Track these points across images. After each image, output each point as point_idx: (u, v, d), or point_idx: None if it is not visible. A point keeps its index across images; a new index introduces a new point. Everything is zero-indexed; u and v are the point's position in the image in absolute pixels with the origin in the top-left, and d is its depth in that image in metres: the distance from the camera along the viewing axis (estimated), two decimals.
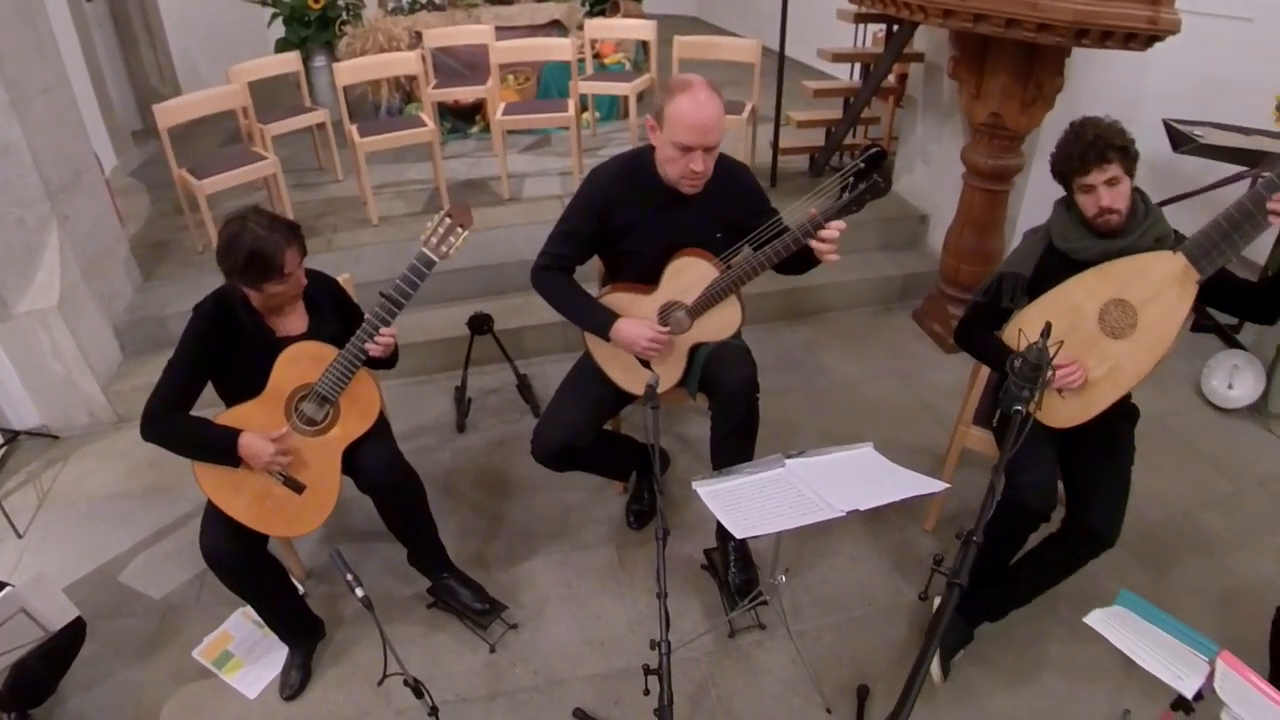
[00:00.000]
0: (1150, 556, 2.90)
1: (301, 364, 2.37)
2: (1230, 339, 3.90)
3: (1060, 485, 2.51)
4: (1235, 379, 3.66)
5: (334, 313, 2.54)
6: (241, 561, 2.36)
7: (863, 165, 2.23)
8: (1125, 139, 2.22)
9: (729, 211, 2.56)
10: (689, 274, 2.53)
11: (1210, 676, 1.72)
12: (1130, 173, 2.25)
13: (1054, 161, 2.32)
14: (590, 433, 2.67)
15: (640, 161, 2.56)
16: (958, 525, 1.70)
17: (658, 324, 2.56)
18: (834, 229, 2.30)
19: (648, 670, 1.80)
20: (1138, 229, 2.28)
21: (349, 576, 1.93)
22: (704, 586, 2.84)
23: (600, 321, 2.57)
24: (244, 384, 2.37)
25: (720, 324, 2.58)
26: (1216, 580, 2.84)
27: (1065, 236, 2.37)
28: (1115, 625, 1.83)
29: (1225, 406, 3.68)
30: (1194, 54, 3.55)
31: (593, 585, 2.88)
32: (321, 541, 3.07)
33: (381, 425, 2.57)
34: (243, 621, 2.76)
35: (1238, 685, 1.72)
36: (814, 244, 2.32)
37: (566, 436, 2.60)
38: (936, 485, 2.08)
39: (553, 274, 2.65)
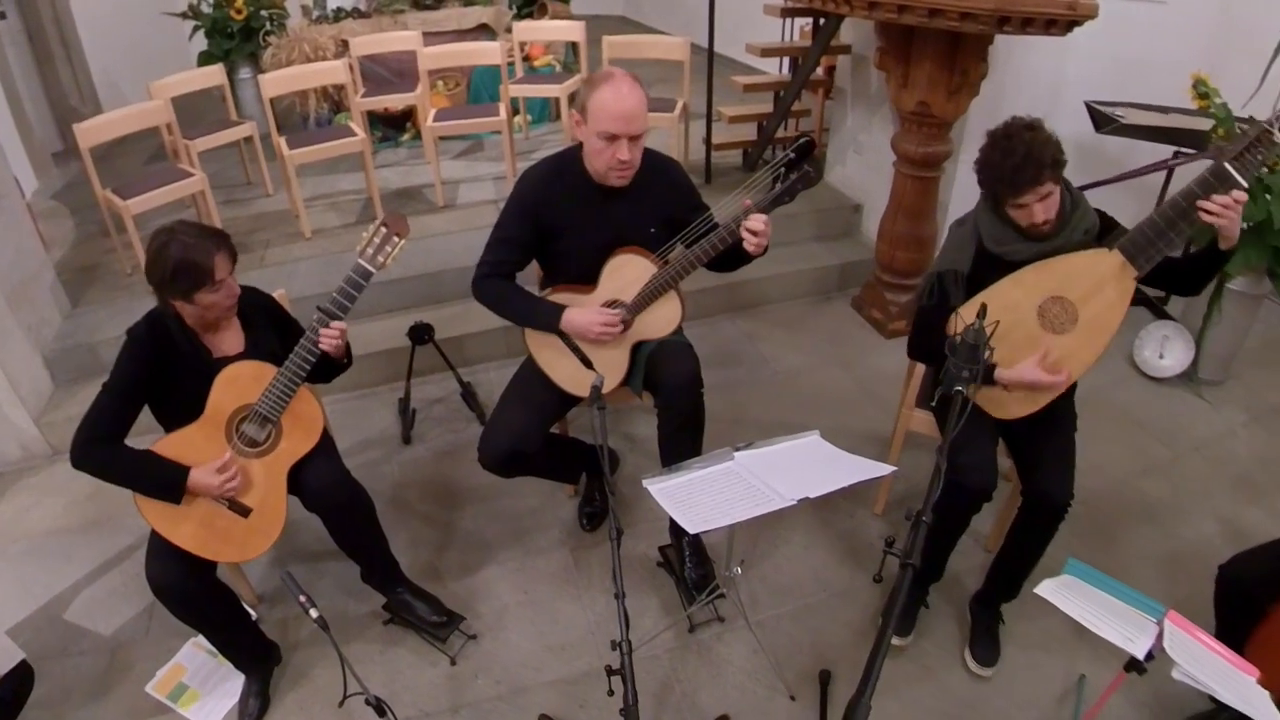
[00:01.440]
0: (1095, 525, 2.98)
1: (240, 384, 2.32)
2: (1159, 311, 4.01)
3: (1010, 464, 2.56)
4: (1166, 349, 3.77)
5: (271, 330, 2.49)
6: (190, 590, 2.30)
7: (793, 156, 2.25)
8: (1055, 151, 2.14)
9: (661, 206, 2.58)
10: (627, 271, 2.53)
11: (1159, 637, 1.78)
12: (1059, 180, 2.19)
13: (983, 177, 2.26)
14: (537, 437, 2.66)
15: (568, 160, 2.56)
16: (906, 507, 1.73)
17: None
18: (756, 221, 2.30)
19: (610, 671, 1.80)
20: (1068, 227, 2.27)
21: (302, 598, 1.90)
22: (661, 584, 2.85)
23: (548, 317, 2.56)
24: (181, 407, 2.31)
25: (661, 320, 2.59)
26: (1160, 544, 2.93)
27: (997, 240, 2.32)
28: (1065, 594, 1.88)
29: (1158, 376, 3.79)
30: (1112, 37, 3.64)
31: (549, 590, 2.87)
32: (271, 564, 3.01)
33: (326, 442, 2.53)
34: (196, 652, 2.69)
35: (1186, 643, 1.78)
36: (742, 232, 2.34)
37: (514, 442, 2.59)
38: (884, 469, 2.10)
39: (493, 281, 2.63)
